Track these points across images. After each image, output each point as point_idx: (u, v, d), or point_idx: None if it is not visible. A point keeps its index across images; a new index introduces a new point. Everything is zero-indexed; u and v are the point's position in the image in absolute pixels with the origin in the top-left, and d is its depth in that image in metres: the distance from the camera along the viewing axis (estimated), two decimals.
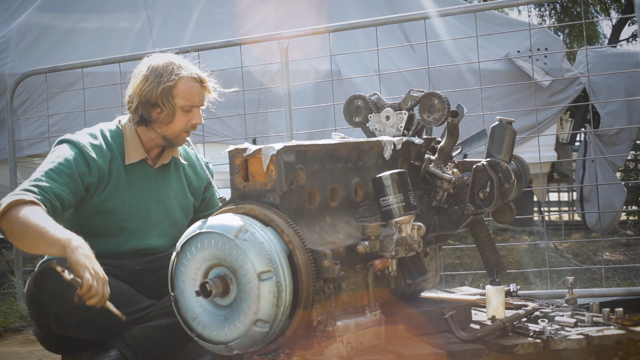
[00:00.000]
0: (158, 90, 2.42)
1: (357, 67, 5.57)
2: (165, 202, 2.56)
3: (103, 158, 2.43)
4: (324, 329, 1.81)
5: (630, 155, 7.84)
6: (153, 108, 2.45)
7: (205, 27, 6.04)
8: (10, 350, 3.49)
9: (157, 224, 2.53)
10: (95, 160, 2.39)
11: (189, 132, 2.53)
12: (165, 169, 2.58)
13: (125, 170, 2.49)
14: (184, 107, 2.46)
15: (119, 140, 2.51)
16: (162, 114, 2.45)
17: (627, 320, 2.13)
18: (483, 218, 2.44)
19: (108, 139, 2.49)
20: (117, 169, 2.46)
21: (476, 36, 4.07)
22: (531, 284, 4.30)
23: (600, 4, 13.86)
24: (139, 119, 2.47)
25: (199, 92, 2.49)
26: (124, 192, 2.47)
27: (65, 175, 2.32)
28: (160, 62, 2.49)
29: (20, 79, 4.51)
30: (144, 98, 2.45)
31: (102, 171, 2.42)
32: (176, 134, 2.49)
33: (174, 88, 2.44)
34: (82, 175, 2.36)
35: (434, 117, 2.34)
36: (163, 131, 2.48)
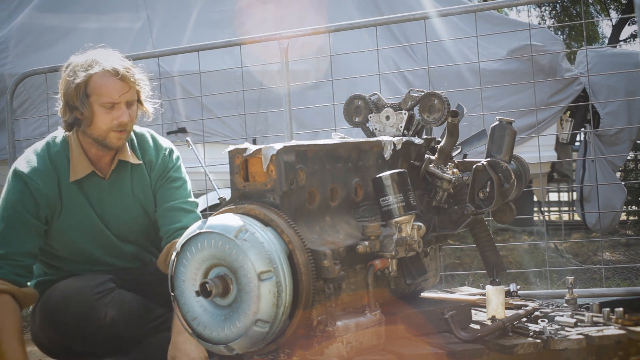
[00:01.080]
0: (72, 89, 2.26)
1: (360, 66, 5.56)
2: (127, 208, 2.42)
3: (49, 184, 2.30)
4: (324, 329, 1.81)
5: (630, 155, 7.84)
6: (75, 110, 2.29)
7: (205, 27, 6.04)
8: None
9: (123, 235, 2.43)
10: (41, 191, 2.27)
11: (122, 132, 2.32)
12: (119, 175, 2.41)
13: (77, 187, 2.34)
14: (103, 105, 2.27)
15: (65, 154, 2.36)
16: (83, 116, 2.28)
17: (627, 320, 2.13)
18: (483, 218, 2.44)
19: (54, 157, 2.34)
20: (66, 189, 2.33)
21: (476, 36, 4.07)
22: (531, 284, 4.31)
23: (600, 4, 13.86)
24: (68, 124, 2.32)
25: (117, 87, 2.29)
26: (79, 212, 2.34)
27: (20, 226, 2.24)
28: (80, 60, 2.35)
29: (20, 79, 4.51)
30: (64, 100, 2.31)
31: (52, 199, 2.29)
32: (103, 135, 2.30)
33: (86, 85, 2.26)
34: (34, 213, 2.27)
35: (434, 117, 2.34)
36: (91, 133, 2.31)
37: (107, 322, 2.16)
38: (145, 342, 2.29)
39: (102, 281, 2.22)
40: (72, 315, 2.17)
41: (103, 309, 2.16)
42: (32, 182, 2.28)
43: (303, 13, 5.87)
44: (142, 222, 2.47)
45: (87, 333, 2.18)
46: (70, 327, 2.19)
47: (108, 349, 2.28)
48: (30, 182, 2.27)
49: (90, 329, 2.17)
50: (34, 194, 2.27)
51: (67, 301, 2.19)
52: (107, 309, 2.17)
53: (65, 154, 2.36)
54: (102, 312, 2.16)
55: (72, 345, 2.25)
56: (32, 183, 2.27)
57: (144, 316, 2.28)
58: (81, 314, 2.16)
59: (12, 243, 2.23)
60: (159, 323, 2.31)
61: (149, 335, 2.29)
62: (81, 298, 2.16)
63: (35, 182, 2.28)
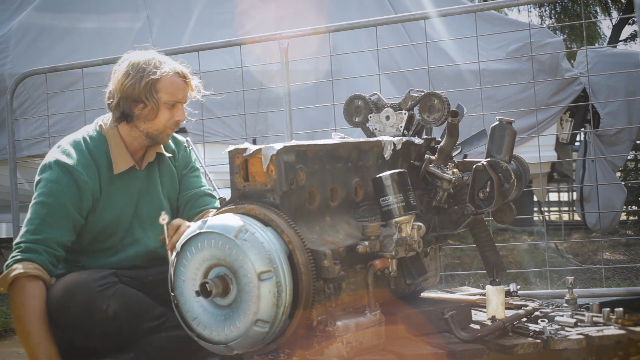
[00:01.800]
0: (141, 84, 2.37)
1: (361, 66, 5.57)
2: (157, 202, 2.53)
3: (92, 176, 2.37)
4: (324, 329, 1.81)
5: (630, 155, 7.84)
6: (135, 104, 2.40)
7: (205, 27, 6.04)
8: (10, 350, 3.49)
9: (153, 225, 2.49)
10: (87, 182, 2.34)
11: (173, 130, 2.48)
12: (151, 167, 2.54)
13: (114, 181, 2.43)
14: (167, 102, 2.41)
15: (103, 148, 2.44)
16: (146, 110, 2.39)
17: (627, 320, 2.13)
18: (483, 218, 2.44)
19: (92, 150, 2.42)
20: (106, 182, 2.41)
21: (476, 36, 4.07)
22: (531, 284, 4.31)
23: (600, 4, 13.85)
24: (120, 115, 2.41)
25: (182, 87, 2.45)
26: (115, 204, 2.43)
27: (61, 217, 2.30)
28: (142, 58, 2.46)
29: (20, 79, 4.51)
30: (125, 93, 2.39)
31: (94, 190, 2.37)
32: (160, 130, 2.43)
33: (157, 82, 2.39)
34: (77, 206, 2.33)
35: (434, 117, 2.34)
36: (147, 128, 2.42)
37: (108, 315, 2.16)
38: (144, 341, 2.29)
39: (105, 274, 2.23)
40: (74, 307, 2.18)
41: (105, 301, 2.17)
42: (79, 175, 2.34)
43: (303, 13, 5.87)
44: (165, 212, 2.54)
45: (88, 325, 2.19)
46: (71, 319, 2.20)
47: (108, 344, 2.28)
48: (77, 174, 2.33)
49: (91, 321, 2.17)
50: (81, 186, 2.33)
51: (69, 293, 2.20)
52: (109, 302, 2.17)
53: (104, 148, 2.44)
54: (104, 304, 2.16)
55: (73, 339, 2.25)
56: (79, 175, 2.33)
57: (145, 313, 2.29)
58: (83, 306, 2.17)
59: (52, 231, 2.28)
60: (159, 323, 2.31)
61: (149, 334, 2.29)
62: (84, 290, 2.16)
63: (82, 174, 2.34)
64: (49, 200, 2.31)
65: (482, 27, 4.98)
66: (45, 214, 2.30)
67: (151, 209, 2.51)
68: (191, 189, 2.61)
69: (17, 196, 4.42)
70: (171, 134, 2.50)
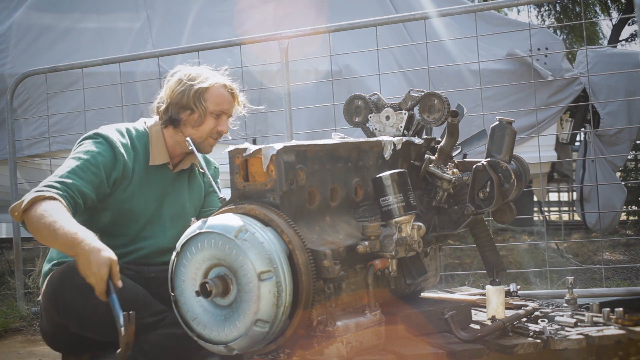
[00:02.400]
0: (191, 92, 2.50)
1: (366, 65, 5.56)
2: (181, 205, 2.62)
3: (129, 156, 2.48)
4: (324, 329, 1.81)
5: (630, 155, 7.84)
6: (184, 110, 2.52)
7: (204, 27, 6.04)
8: (10, 350, 3.49)
9: (172, 225, 2.58)
10: (123, 155, 2.45)
11: (215, 140, 2.60)
12: (182, 174, 2.64)
13: (147, 171, 2.54)
14: (214, 112, 2.54)
15: (144, 141, 2.57)
16: (193, 116, 2.52)
17: (627, 320, 2.13)
18: (483, 218, 2.44)
19: (134, 138, 2.55)
20: (139, 169, 2.52)
21: (476, 36, 4.07)
22: (531, 284, 4.30)
23: (600, 4, 13.86)
24: (168, 119, 2.54)
25: (229, 100, 2.58)
26: (144, 193, 2.52)
27: (91, 172, 2.37)
28: (194, 70, 2.59)
29: (20, 79, 4.51)
30: (175, 99, 2.52)
31: (127, 168, 2.47)
32: (203, 137, 2.55)
33: (206, 91, 2.52)
34: (108, 170, 2.41)
35: (434, 117, 2.34)
36: (191, 134, 2.53)
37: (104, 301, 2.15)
38: (142, 338, 2.28)
39: None
40: (71, 289, 2.19)
41: None
42: (118, 148, 2.44)
43: (303, 13, 5.87)
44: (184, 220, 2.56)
45: (84, 310, 2.19)
46: (67, 302, 2.21)
47: (103, 334, 2.27)
48: (116, 147, 2.44)
49: (86, 305, 2.17)
50: (117, 156, 2.43)
51: (67, 275, 2.22)
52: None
53: (144, 141, 2.56)
54: None
55: (69, 326, 2.25)
56: (118, 148, 2.44)
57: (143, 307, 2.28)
58: (79, 290, 2.16)
59: (77, 180, 2.33)
60: (158, 319, 2.31)
61: (147, 330, 2.29)
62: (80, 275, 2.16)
63: (120, 148, 2.45)
64: (83, 156, 2.38)
65: (482, 27, 4.98)
66: (76, 166, 2.36)
67: (172, 211, 2.59)
68: (213, 206, 2.72)
69: (17, 196, 4.42)
70: (214, 144, 2.62)
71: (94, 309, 2.17)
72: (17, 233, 4.38)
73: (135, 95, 5.42)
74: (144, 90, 5.40)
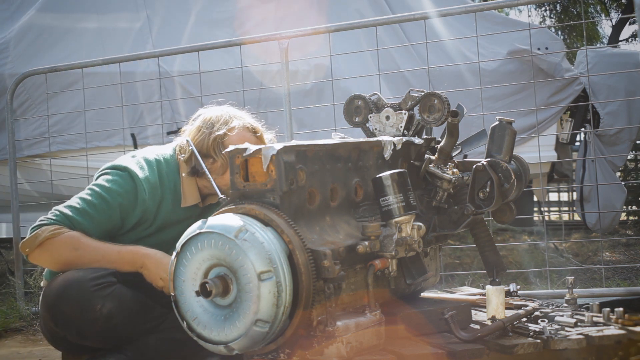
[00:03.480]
0: (210, 140, 2.39)
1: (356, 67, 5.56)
2: None
3: (153, 197, 2.38)
4: (324, 329, 1.81)
5: (630, 155, 7.83)
6: (205, 159, 2.40)
7: (205, 27, 6.04)
8: (10, 350, 3.49)
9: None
10: (146, 200, 2.36)
11: None
12: (210, 208, 2.55)
13: (174, 211, 2.44)
14: None
15: (174, 177, 2.45)
16: (216, 165, 2.42)
17: (627, 320, 2.13)
18: (483, 218, 2.44)
19: (164, 176, 2.43)
20: (165, 210, 2.42)
21: (476, 36, 4.07)
22: (531, 284, 4.31)
23: (600, 4, 13.86)
24: (191, 171, 2.43)
25: (252, 142, 2.40)
26: (166, 234, 2.44)
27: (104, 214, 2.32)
28: (214, 113, 2.48)
29: (20, 79, 4.51)
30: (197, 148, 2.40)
31: (149, 212, 2.38)
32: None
33: (225, 138, 2.40)
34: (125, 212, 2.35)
35: (434, 117, 2.34)
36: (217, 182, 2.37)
37: (103, 314, 2.15)
38: (141, 340, 2.28)
39: (102, 274, 2.23)
40: (68, 305, 2.18)
41: (100, 300, 2.16)
42: (141, 189, 2.35)
43: (303, 13, 5.88)
44: None
45: (82, 324, 2.18)
46: (65, 317, 2.19)
47: (103, 344, 2.27)
48: (140, 187, 2.35)
49: (85, 320, 2.17)
50: (139, 198, 2.34)
51: (64, 290, 2.20)
52: (104, 302, 2.16)
53: (174, 177, 2.45)
54: (98, 303, 2.16)
55: (67, 337, 2.25)
56: (141, 190, 2.35)
57: (143, 314, 2.28)
58: (77, 304, 2.16)
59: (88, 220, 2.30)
60: (157, 323, 2.30)
61: (147, 334, 2.29)
62: (78, 288, 2.17)
63: (144, 189, 2.35)
64: (104, 195, 2.33)
65: (483, 27, 4.98)
66: (93, 204, 2.32)
67: None
68: None
69: (17, 196, 4.43)
70: None
71: (93, 323, 2.17)
72: (17, 233, 4.38)
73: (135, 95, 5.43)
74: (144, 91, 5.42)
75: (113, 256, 2.25)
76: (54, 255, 2.26)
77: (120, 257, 2.26)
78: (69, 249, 2.24)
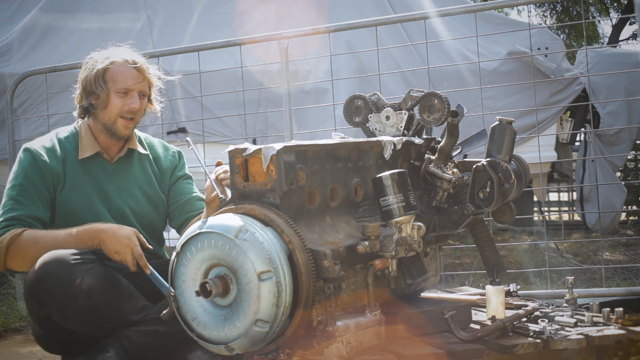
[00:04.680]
0: (92, 75, 2.49)
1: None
2: (129, 192, 2.58)
3: (55, 159, 2.48)
4: (324, 329, 1.81)
5: (630, 155, 7.83)
6: (91, 95, 2.51)
7: (205, 27, 6.04)
8: (10, 350, 3.49)
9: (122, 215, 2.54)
10: (46, 161, 2.45)
11: (130, 121, 2.53)
12: (125, 162, 2.60)
13: (82, 166, 2.52)
14: (118, 91, 2.48)
15: (74, 139, 2.56)
16: (99, 100, 2.50)
17: (627, 320, 2.13)
18: (483, 218, 2.44)
19: (62, 140, 2.54)
20: (71, 166, 2.51)
21: (476, 36, 4.07)
22: (531, 284, 4.31)
23: (600, 4, 13.86)
24: (82, 109, 2.54)
25: (132, 75, 2.51)
26: (82, 188, 2.50)
27: (30, 194, 2.41)
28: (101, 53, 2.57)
29: (20, 79, 4.51)
30: (82, 86, 2.53)
31: (55, 170, 2.47)
32: (112, 119, 2.51)
33: (105, 71, 2.48)
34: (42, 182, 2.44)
35: (434, 117, 2.34)
36: (102, 118, 2.51)
37: (82, 289, 2.16)
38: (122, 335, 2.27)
39: (82, 252, 2.26)
40: (48, 279, 2.19)
41: (79, 274, 2.17)
42: (39, 156, 2.46)
43: (303, 13, 5.87)
44: (143, 212, 2.60)
45: (63, 300, 2.18)
46: (46, 293, 2.20)
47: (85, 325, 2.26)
48: (38, 155, 2.46)
49: (65, 294, 2.17)
50: (41, 165, 2.45)
51: (43, 266, 2.21)
52: (83, 276, 2.17)
53: (74, 138, 2.56)
54: (77, 277, 2.16)
55: (51, 316, 2.25)
56: (39, 157, 2.46)
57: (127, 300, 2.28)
58: (57, 278, 2.18)
59: (24, 207, 2.39)
60: (142, 316, 2.29)
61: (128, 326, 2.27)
62: (57, 263, 2.20)
63: (42, 155, 2.46)
64: (16, 182, 2.44)
65: (483, 27, 4.98)
66: (15, 194, 2.41)
67: (121, 203, 2.56)
68: (185, 194, 2.68)
69: None
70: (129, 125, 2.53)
71: (73, 297, 2.18)
72: None
73: None
74: None
75: (71, 239, 2.29)
76: (22, 257, 2.32)
77: (78, 238, 2.29)
78: (30, 245, 2.31)
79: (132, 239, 2.24)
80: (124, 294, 2.29)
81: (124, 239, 2.23)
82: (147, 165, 2.65)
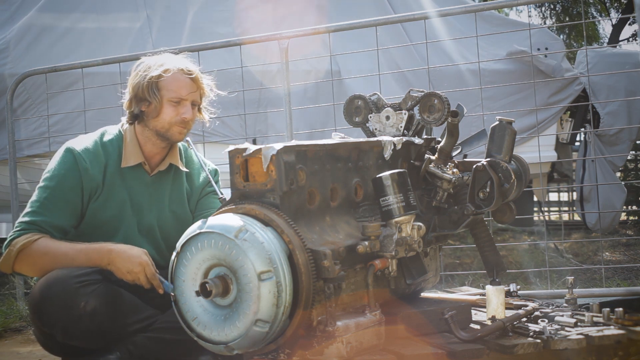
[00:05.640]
0: (144, 82, 2.42)
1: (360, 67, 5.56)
2: (159, 208, 2.54)
3: (97, 166, 2.43)
4: (324, 329, 1.81)
5: (630, 155, 7.83)
6: (142, 102, 2.45)
7: (205, 27, 6.04)
8: (10, 350, 3.49)
9: (150, 231, 2.52)
10: (88, 170, 2.40)
11: (183, 128, 2.49)
12: (162, 177, 2.55)
13: (121, 175, 2.47)
14: (171, 100, 2.43)
15: (118, 144, 2.50)
16: (150, 107, 2.44)
17: (627, 320, 2.13)
18: (483, 218, 2.44)
19: (106, 143, 2.49)
20: (111, 175, 2.46)
21: (476, 36, 4.07)
22: (531, 284, 4.31)
23: (600, 4, 13.86)
24: (131, 115, 2.48)
25: (186, 84, 2.46)
26: (117, 199, 2.46)
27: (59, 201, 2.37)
28: (152, 58, 2.51)
29: (20, 79, 4.51)
30: (133, 92, 2.46)
31: (95, 181, 2.42)
32: (166, 127, 2.46)
33: (159, 79, 2.43)
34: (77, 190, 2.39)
35: (434, 117, 2.34)
36: (154, 125, 2.46)
37: (87, 311, 2.15)
38: (129, 340, 2.27)
39: (87, 272, 2.23)
40: (52, 303, 2.18)
41: (83, 298, 2.15)
42: (82, 161, 2.41)
43: (303, 13, 5.87)
44: (169, 229, 2.56)
45: (67, 322, 2.17)
46: (50, 315, 2.19)
47: (90, 342, 2.26)
48: (80, 160, 2.41)
49: (69, 317, 2.16)
50: (81, 172, 2.40)
51: (48, 288, 2.20)
52: (87, 299, 2.16)
53: (118, 144, 2.50)
54: (82, 301, 2.15)
55: (56, 336, 2.25)
56: (81, 162, 2.41)
57: (131, 314, 2.27)
58: (61, 302, 2.16)
59: (48, 214, 2.35)
60: (147, 324, 2.29)
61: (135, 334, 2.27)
62: (62, 286, 2.18)
63: (84, 161, 2.41)
64: (50, 184, 2.39)
65: (482, 27, 4.98)
66: (44, 198, 2.37)
67: (150, 219, 2.52)
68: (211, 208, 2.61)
69: (17, 196, 4.43)
70: (183, 132, 2.50)
71: (77, 321, 2.16)
72: None
73: None
74: None
75: (81, 256, 2.27)
76: (31, 265, 2.31)
77: (87, 258, 2.27)
78: (40, 254, 2.28)
79: (144, 259, 2.23)
80: (128, 309, 2.28)
81: (135, 259, 2.22)
82: (182, 182, 2.60)
